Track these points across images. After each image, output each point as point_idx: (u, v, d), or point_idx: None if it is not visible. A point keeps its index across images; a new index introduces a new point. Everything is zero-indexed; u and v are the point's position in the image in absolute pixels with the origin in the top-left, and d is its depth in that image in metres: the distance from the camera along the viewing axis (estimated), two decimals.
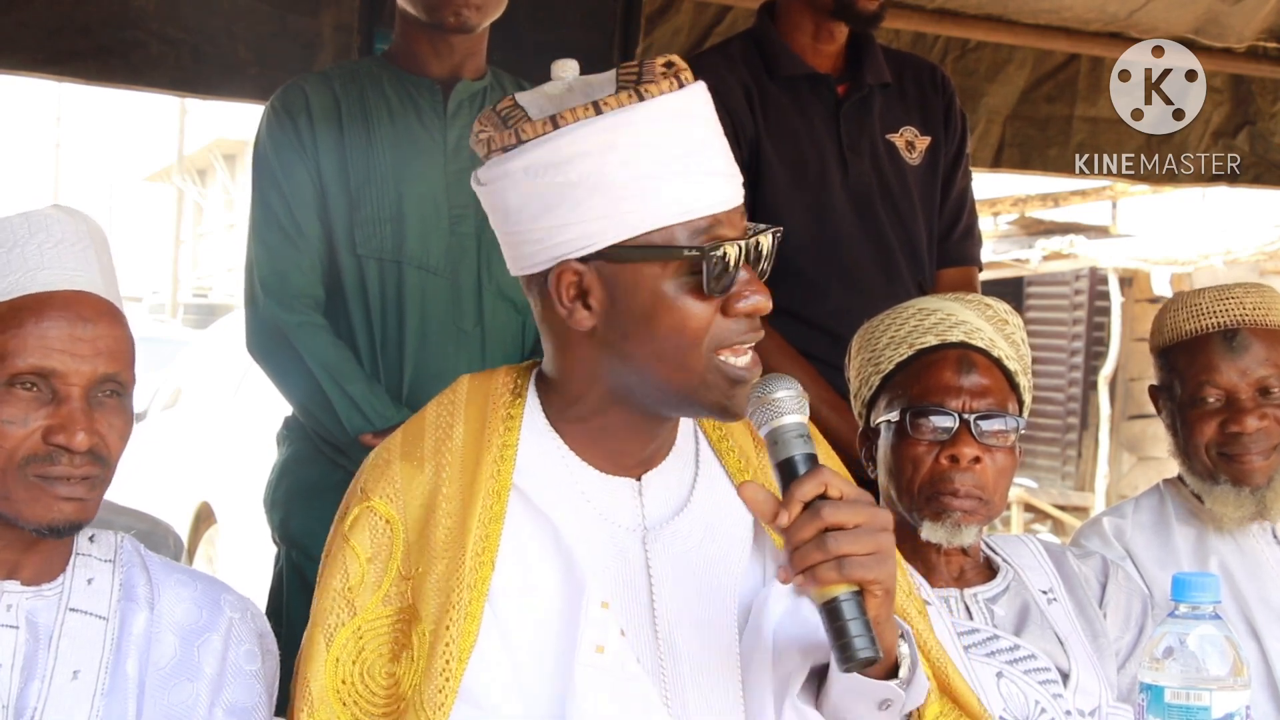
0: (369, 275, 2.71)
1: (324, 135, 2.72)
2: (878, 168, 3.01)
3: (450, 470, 1.65)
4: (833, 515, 1.49)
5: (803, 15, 3.00)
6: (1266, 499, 2.46)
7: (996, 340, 2.18)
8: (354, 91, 2.76)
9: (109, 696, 1.70)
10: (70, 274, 1.70)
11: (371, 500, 1.66)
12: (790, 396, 1.56)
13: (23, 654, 1.69)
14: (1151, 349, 2.60)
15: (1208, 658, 1.57)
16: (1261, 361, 2.44)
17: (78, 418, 1.66)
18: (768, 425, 1.56)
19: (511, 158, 1.60)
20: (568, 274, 1.60)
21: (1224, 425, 2.45)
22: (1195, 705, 1.54)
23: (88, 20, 3.55)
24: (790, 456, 1.54)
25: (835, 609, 1.49)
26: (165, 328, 17.41)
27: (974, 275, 3.19)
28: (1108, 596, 2.27)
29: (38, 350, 1.66)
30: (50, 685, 1.68)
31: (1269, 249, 10.57)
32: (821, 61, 3.02)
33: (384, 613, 1.62)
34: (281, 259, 2.71)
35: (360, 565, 1.63)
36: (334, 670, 1.60)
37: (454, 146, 2.75)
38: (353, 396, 2.65)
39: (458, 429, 1.67)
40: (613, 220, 1.57)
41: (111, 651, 1.72)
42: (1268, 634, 2.42)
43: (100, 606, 1.74)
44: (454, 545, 1.60)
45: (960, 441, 2.10)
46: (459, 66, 2.79)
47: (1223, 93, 4.86)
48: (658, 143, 1.57)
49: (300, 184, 2.72)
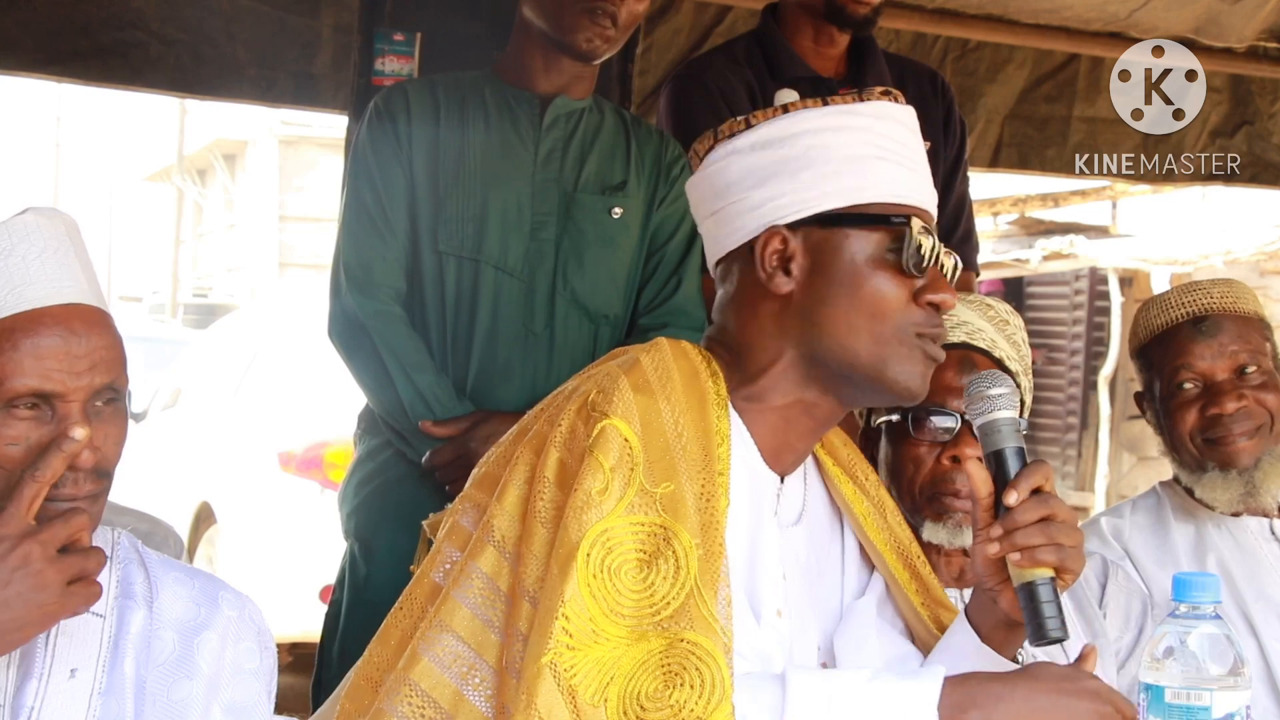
0: (447, 272, 2.77)
1: (420, 135, 2.79)
2: None
3: (678, 405, 1.67)
4: (1056, 506, 1.64)
5: (803, 19, 3.02)
6: (1255, 480, 2.46)
7: (998, 341, 2.18)
8: (455, 98, 2.83)
9: (106, 695, 1.69)
10: (58, 286, 1.69)
11: (611, 418, 1.64)
12: (1005, 393, 1.69)
13: (19, 651, 1.68)
14: (1131, 354, 2.62)
15: (1208, 658, 1.57)
16: (1233, 342, 2.46)
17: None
18: (983, 417, 1.69)
19: (740, 138, 1.74)
20: (775, 240, 1.70)
21: (1205, 410, 2.46)
22: (1195, 705, 1.55)
23: (88, 20, 3.56)
24: (1002, 448, 1.68)
25: (1034, 591, 1.63)
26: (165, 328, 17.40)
27: (972, 280, 3.20)
28: (1107, 597, 2.28)
29: (35, 372, 1.64)
30: (47, 684, 1.68)
31: (1269, 249, 10.57)
32: (824, 64, 3.04)
33: (629, 520, 1.60)
34: (367, 250, 2.77)
35: (605, 474, 1.61)
36: (585, 565, 1.58)
37: (544, 157, 2.81)
38: (419, 385, 2.70)
39: (674, 376, 1.70)
40: (827, 189, 1.69)
41: (109, 650, 1.72)
42: (1266, 632, 2.42)
43: (98, 604, 1.74)
44: (703, 471, 1.64)
45: (962, 442, 2.10)
46: (566, 87, 2.84)
47: (1222, 93, 4.86)
48: (875, 131, 1.72)
49: (393, 180, 2.78)
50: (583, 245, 2.81)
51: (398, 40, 3.51)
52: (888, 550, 1.83)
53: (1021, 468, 1.68)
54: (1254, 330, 2.49)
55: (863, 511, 1.84)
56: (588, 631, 1.55)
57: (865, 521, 1.83)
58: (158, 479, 7.94)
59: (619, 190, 2.85)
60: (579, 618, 1.55)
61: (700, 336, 2.96)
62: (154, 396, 9.18)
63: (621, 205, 2.84)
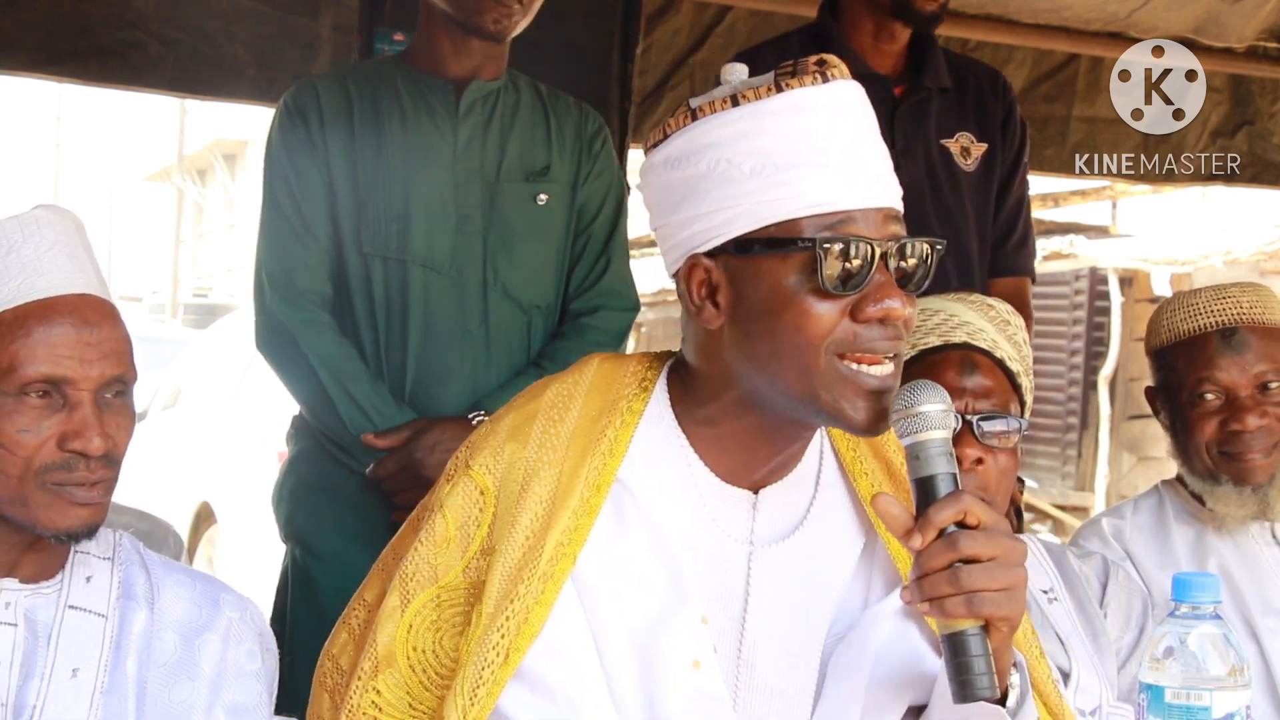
0: (374, 274, 2.70)
1: (335, 134, 2.71)
2: (930, 172, 2.98)
3: (553, 454, 1.59)
4: (969, 547, 1.43)
5: (863, 14, 2.97)
6: (1269, 497, 2.45)
7: (999, 341, 2.17)
8: (367, 91, 2.74)
9: (108, 695, 1.70)
10: (69, 277, 1.71)
11: (471, 470, 1.62)
12: (937, 411, 1.48)
13: (21, 651, 1.69)
14: (1147, 350, 2.60)
15: (1208, 658, 1.56)
16: (1260, 358, 2.44)
17: (92, 423, 1.67)
18: (910, 438, 1.49)
19: (657, 151, 1.59)
20: (698, 270, 1.56)
21: (1224, 424, 2.45)
22: (1195, 705, 1.54)
23: (88, 20, 3.56)
24: (931, 475, 1.47)
25: (960, 643, 1.44)
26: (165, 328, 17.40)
27: (1026, 285, 3.14)
28: (1108, 596, 2.27)
29: (48, 359, 1.66)
30: (49, 683, 1.68)
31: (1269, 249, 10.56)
32: (881, 62, 2.99)
33: (463, 583, 1.58)
34: (289, 256, 2.70)
35: (449, 532, 1.60)
36: (407, 635, 1.58)
37: (463, 147, 2.74)
38: (355, 396, 2.63)
39: (572, 414, 1.62)
40: (737, 211, 1.52)
41: (111, 650, 1.72)
42: (1266, 634, 2.42)
43: (99, 604, 1.74)
44: (536, 536, 1.56)
45: (963, 443, 2.09)
46: (478, 69, 2.77)
47: (1222, 92, 4.86)
48: (790, 132, 1.51)
49: (310, 182, 2.70)
50: (510, 236, 2.73)
51: (398, 40, 3.51)
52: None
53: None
54: (1279, 343, 2.48)
55: (867, 491, 1.66)
56: (404, 706, 1.57)
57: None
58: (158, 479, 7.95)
59: (543, 175, 2.77)
60: (392, 691, 1.57)
61: (633, 317, 2.83)
62: (154, 396, 9.18)
63: (546, 191, 2.76)
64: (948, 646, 1.45)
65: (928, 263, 1.54)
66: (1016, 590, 1.45)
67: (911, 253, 1.53)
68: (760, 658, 1.60)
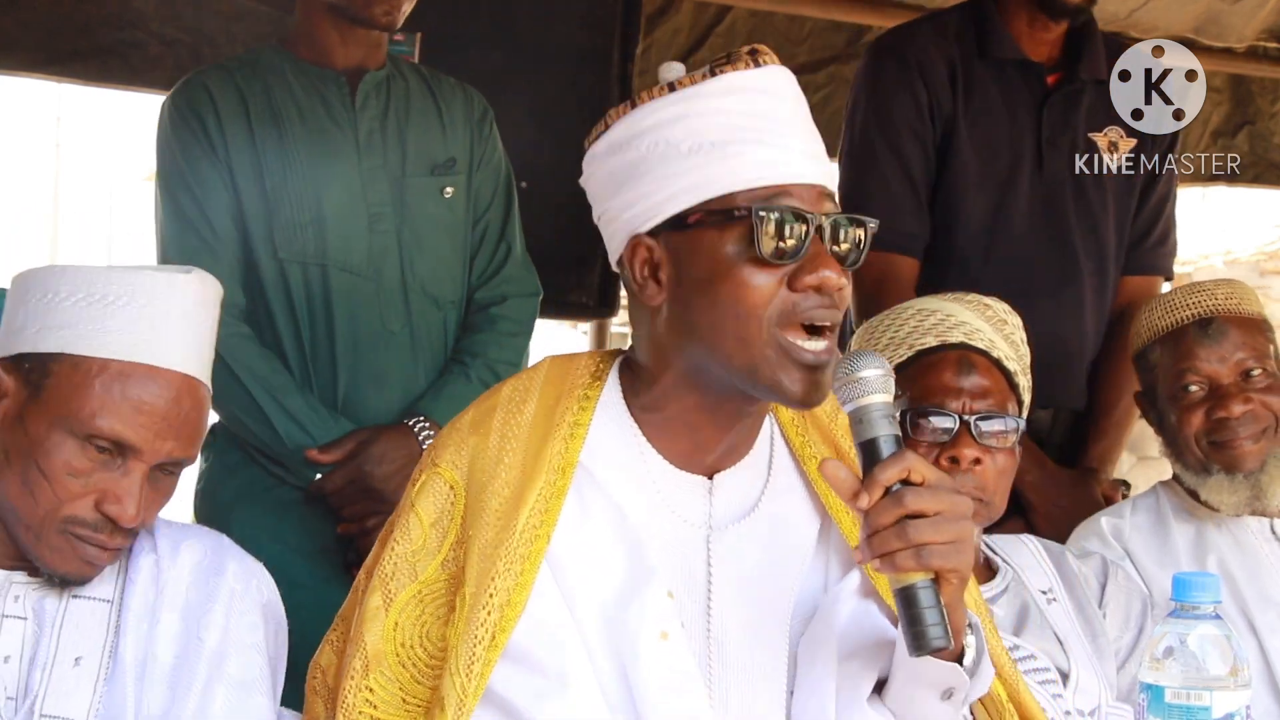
0: (293, 280, 2.59)
1: (233, 134, 2.60)
2: (1073, 164, 2.95)
3: (515, 443, 1.64)
4: (915, 502, 1.47)
5: (1018, 1, 2.92)
6: (1261, 483, 2.46)
7: (996, 341, 2.17)
8: (258, 86, 2.63)
9: (111, 682, 1.71)
10: (186, 354, 1.73)
11: (439, 466, 1.66)
12: (877, 375, 1.51)
13: (30, 645, 1.70)
14: (1131, 354, 2.61)
15: (1208, 658, 1.56)
16: (1239, 345, 2.46)
17: (135, 495, 1.69)
18: (852, 403, 1.52)
19: (599, 142, 1.65)
20: (640, 249, 1.61)
21: (1210, 413, 2.46)
22: (1195, 705, 1.54)
23: (88, 20, 3.55)
24: (874, 438, 1.50)
25: (911, 596, 1.47)
26: None
27: (1158, 286, 3.09)
28: (1107, 596, 2.27)
29: (129, 423, 1.68)
30: (52, 672, 1.69)
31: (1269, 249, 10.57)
32: (1036, 49, 2.95)
33: (442, 576, 1.62)
34: (198, 265, 2.62)
35: (424, 530, 1.63)
36: (393, 634, 1.61)
37: (365, 142, 2.66)
38: (290, 410, 2.54)
39: (529, 406, 1.66)
40: (676, 189, 1.57)
41: (113, 636, 1.73)
42: (1266, 631, 2.42)
43: (104, 590, 1.76)
44: (506, 514, 1.59)
45: (961, 443, 2.10)
46: (365, 58, 2.69)
47: (1222, 92, 4.86)
48: (726, 112, 1.57)
49: (212, 186, 2.59)
50: (422, 232, 2.66)
51: (398, 40, 3.50)
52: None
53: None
54: (1258, 332, 2.49)
55: (816, 473, 1.68)
56: (397, 701, 1.59)
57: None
58: None
59: (448, 169, 2.71)
60: (385, 688, 1.59)
61: (537, 302, 2.81)
62: None
63: (452, 184, 2.70)
64: (900, 601, 1.48)
65: (860, 245, 1.59)
66: (963, 543, 1.49)
67: (845, 235, 1.57)
68: (730, 635, 1.63)
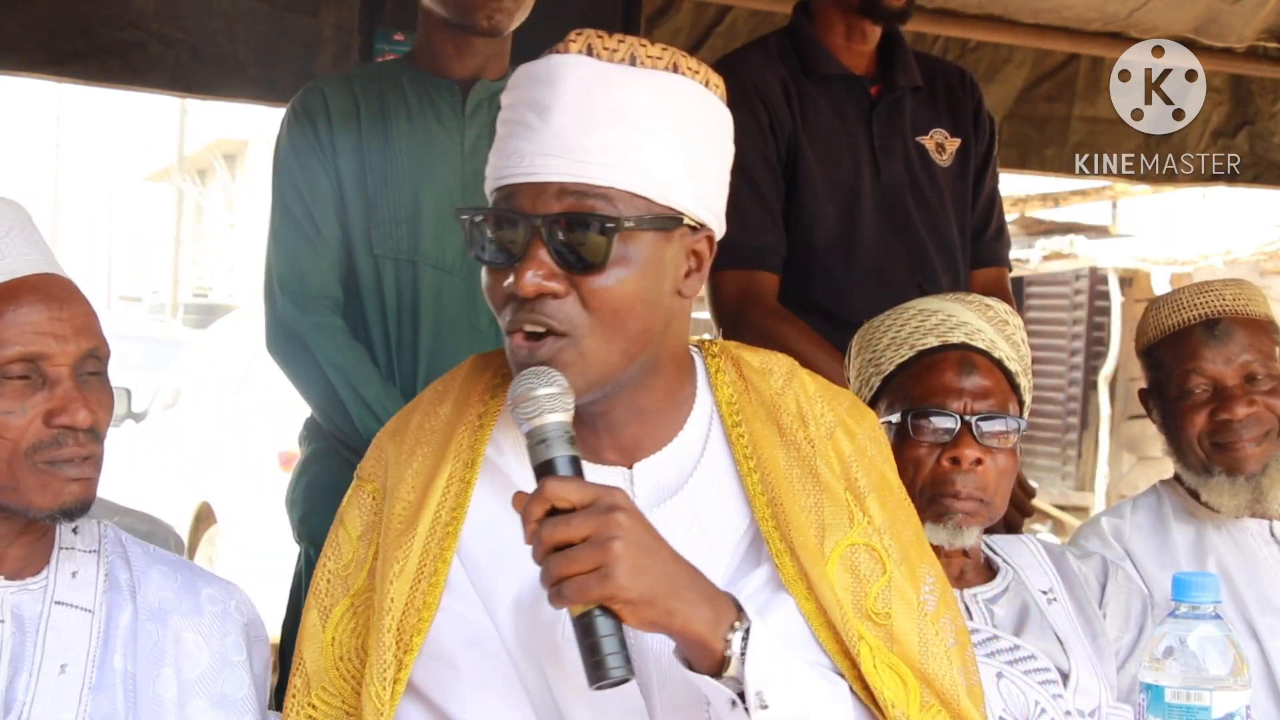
0: (385, 275, 2.72)
1: (342, 137, 2.73)
2: (909, 169, 3.02)
3: (427, 445, 1.63)
4: (551, 535, 1.38)
5: (835, 15, 3.00)
6: (1262, 486, 2.46)
7: (997, 341, 2.17)
8: (373, 93, 2.77)
9: (97, 691, 1.70)
10: (30, 259, 1.73)
11: (360, 477, 1.68)
12: (551, 394, 1.46)
13: (9, 648, 1.70)
14: (1137, 352, 2.61)
15: (1208, 658, 1.56)
16: (1245, 348, 2.46)
17: (75, 396, 1.69)
18: (527, 424, 1.46)
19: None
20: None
21: (1214, 414, 2.46)
22: (1195, 705, 1.54)
23: (88, 20, 3.55)
24: (550, 459, 1.44)
25: (587, 625, 1.39)
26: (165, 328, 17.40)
27: (1005, 276, 3.21)
28: (1107, 596, 2.27)
29: (21, 338, 1.68)
30: (38, 679, 1.68)
31: (1269, 249, 10.57)
32: (856, 62, 3.02)
33: (369, 585, 1.62)
34: (300, 260, 2.72)
35: (352, 543, 1.65)
36: (331, 649, 1.61)
37: (471, 147, 2.76)
38: (366, 399, 2.65)
39: (446, 406, 1.67)
40: (489, 175, 1.58)
41: (99, 645, 1.73)
42: (1266, 632, 2.42)
43: (85, 599, 1.75)
44: (411, 513, 1.59)
45: (961, 443, 2.10)
46: (481, 68, 2.80)
47: (1222, 92, 4.86)
48: (511, 104, 1.57)
49: (319, 186, 2.73)
50: None
51: (398, 40, 3.51)
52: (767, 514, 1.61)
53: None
54: (1264, 335, 2.49)
55: (744, 455, 1.63)
56: (340, 715, 1.59)
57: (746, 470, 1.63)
58: (158, 479, 7.95)
59: None
60: (327, 704, 1.60)
61: None
62: (154, 396, 9.17)
63: None
64: (576, 631, 1.40)
65: (581, 244, 1.50)
66: (610, 567, 1.38)
67: (560, 234, 1.50)
68: None
